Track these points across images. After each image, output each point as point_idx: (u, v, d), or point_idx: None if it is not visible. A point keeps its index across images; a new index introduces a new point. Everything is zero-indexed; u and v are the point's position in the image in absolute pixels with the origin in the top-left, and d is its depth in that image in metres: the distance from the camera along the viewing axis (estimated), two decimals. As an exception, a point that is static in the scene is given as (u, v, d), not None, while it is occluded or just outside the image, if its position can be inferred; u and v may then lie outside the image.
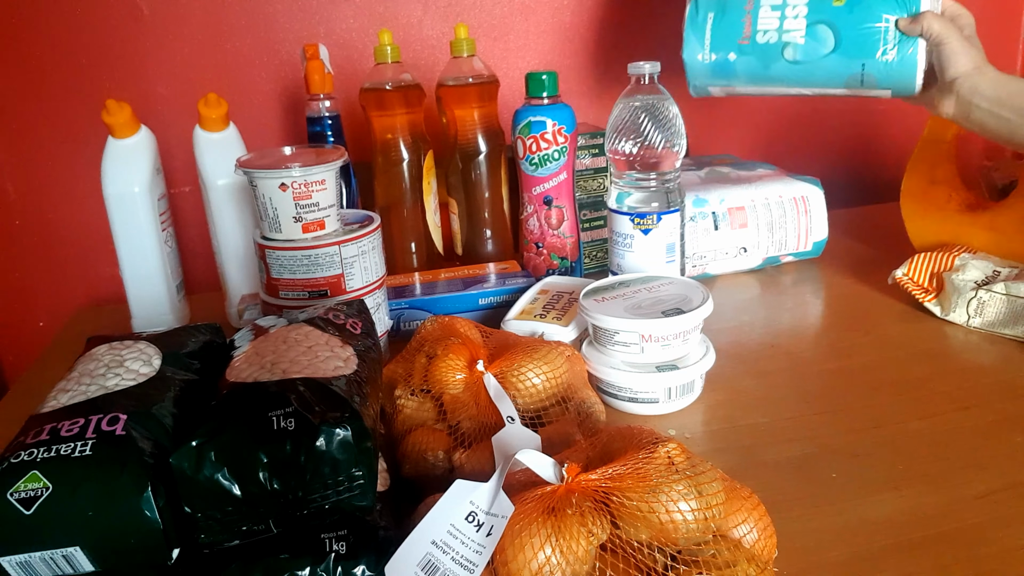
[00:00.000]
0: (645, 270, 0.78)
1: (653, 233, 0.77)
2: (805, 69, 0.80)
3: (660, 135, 0.76)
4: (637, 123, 0.76)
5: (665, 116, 0.76)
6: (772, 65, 0.81)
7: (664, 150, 0.76)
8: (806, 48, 0.79)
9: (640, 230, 0.77)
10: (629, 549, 0.39)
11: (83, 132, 0.99)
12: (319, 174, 0.68)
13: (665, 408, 0.65)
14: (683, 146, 0.78)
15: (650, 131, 0.76)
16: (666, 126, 0.76)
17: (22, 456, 0.39)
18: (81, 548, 0.39)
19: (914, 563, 0.47)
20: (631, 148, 0.76)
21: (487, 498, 0.42)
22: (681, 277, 0.72)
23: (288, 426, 0.40)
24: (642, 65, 0.77)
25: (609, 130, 0.79)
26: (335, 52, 1.02)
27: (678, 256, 0.81)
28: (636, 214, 0.78)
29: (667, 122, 0.76)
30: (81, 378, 0.47)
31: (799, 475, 0.57)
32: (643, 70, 0.77)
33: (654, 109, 0.76)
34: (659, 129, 0.76)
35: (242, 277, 0.87)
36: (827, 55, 0.78)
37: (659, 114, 0.76)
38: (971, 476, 0.55)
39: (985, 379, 0.68)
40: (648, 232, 0.77)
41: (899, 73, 0.76)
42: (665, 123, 0.76)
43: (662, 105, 0.77)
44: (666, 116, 0.77)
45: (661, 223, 0.78)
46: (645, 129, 0.76)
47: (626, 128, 0.77)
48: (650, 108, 0.76)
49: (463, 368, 0.58)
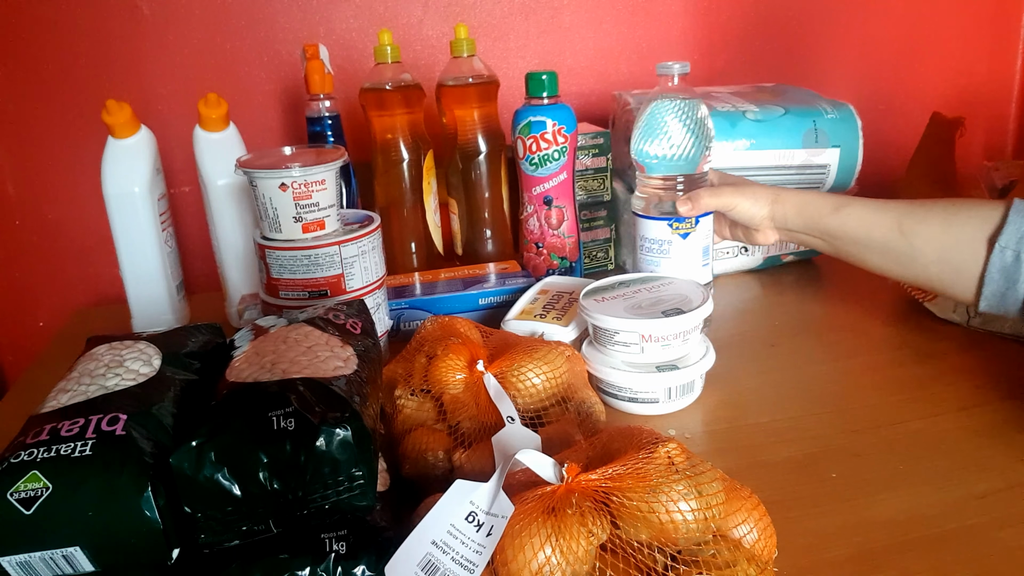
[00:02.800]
0: (681, 276, 0.75)
1: (692, 237, 0.75)
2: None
3: (690, 137, 0.74)
4: (666, 125, 0.74)
5: (694, 117, 0.74)
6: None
7: (694, 152, 0.74)
8: None
9: (679, 234, 0.75)
10: (629, 549, 0.39)
11: (83, 132, 0.99)
12: (319, 174, 0.68)
13: (665, 408, 0.65)
14: (709, 148, 0.76)
15: (679, 133, 0.74)
16: (696, 127, 0.74)
17: (22, 456, 0.39)
18: (81, 548, 0.39)
19: (914, 563, 0.47)
20: (660, 151, 0.74)
21: (487, 498, 0.42)
22: (681, 277, 0.72)
23: (288, 426, 0.40)
24: (671, 65, 0.74)
25: (636, 132, 0.76)
26: (335, 52, 1.02)
27: (711, 259, 0.79)
28: (674, 218, 0.75)
29: (697, 123, 0.74)
30: (81, 378, 0.47)
31: (799, 475, 0.57)
32: (672, 70, 0.75)
33: (683, 110, 0.74)
34: (689, 131, 0.74)
35: (242, 277, 0.87)
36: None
37: (689, 115, 0.74)
38: (971, 476, 0.55)
39: (985, 379, 0.68)
40: (687, 236, 0.75)
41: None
42: (695, 124, 0.74)
43: (691, 106, 0.74)
44: (696, 117, 0.74)
45: (699, 226, 0.76)
46: (674, 131, 0.74)
47: (654, 130, 0.75)
48: (679, 109, 0.74)
49: (463, 368, 0.58)
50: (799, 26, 1.20)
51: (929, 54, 1.27)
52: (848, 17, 1.21)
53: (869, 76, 1.25)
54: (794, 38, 1.20)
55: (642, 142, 0.76)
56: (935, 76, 1.29)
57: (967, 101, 1.30)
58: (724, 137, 0.89)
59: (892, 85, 1.26)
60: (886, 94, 1.26)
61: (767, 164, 0.91)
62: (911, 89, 1.28)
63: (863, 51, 1.24)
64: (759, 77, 1.18)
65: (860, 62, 1.24)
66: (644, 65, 1.16)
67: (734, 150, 0.90)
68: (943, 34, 1.27)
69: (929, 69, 1.28)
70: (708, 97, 0.95)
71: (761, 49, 1.20)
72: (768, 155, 0.90)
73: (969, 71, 1.31)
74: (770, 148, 0.90)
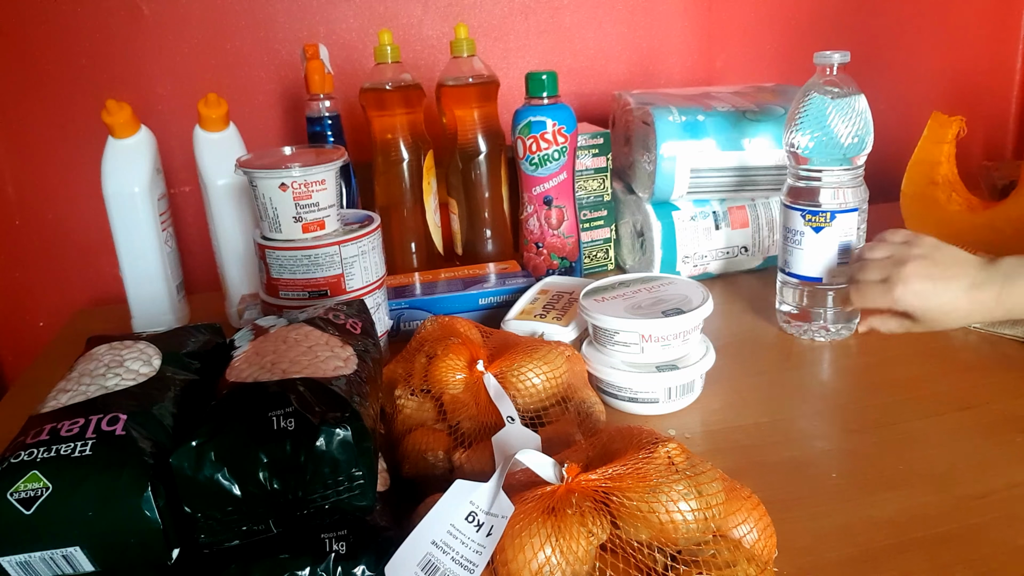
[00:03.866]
0: (812, 270, 0.75)
1: (825, 232, 0.73)
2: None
3: (842, 129, 0.71)
4: (818, 115, 0.72)
5: (848, 109, 0.71)
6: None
7: (846, 145, 0.71)
8: None
9: (811, 227, 0.73)
10: (629, 549, 0.39)
11: (83, 132, 0.99)
12: (319, 174, 0.68)
13: (665, 408, 0.65)
14: (868, 143, 0.73)
15: (832, 124, 0.71)
16: (848, 119, 0.71)
17: (22, 456, 0.39)
18: (81, 548, 0.39)
19: (914, 563, 0.47)
20: (808, 141, 0.72)
21: (487, 498, 0.42)
22: (681, 277, 0.72)
23: (288, 426, 0.40)
24: (830, 55, 0.72)
25: (788, 121, 0.74)
26: (335, 52, 1.02)
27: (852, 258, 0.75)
28: (809, 210, 0.74)
29: (850, 115, 0.71)
30: (81, 378, 0.47)
31: (799, 475, 0.57)
32: (831, 60, 0.72)
33: (837, 101, 0.72)
34: (842, 123, 0.71)
35: (242, 277, 0.87)
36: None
37: (842, 107, 0.71)
38: (971, 476, 0.55)
39: (985, 379, 0.68)
40: (820, 230, 0.73)
41: None
42: (847, 116, 0.71)
43: (847, 98, 0.72)
44: (850, 109, 0.71)
45: (835, 222, 0.73)
46: (826, 122, 0.71)
47: (806, 120, 0.72)
48: (834, 100, 0.72)
49: (463, 368, 0.58)
50: (798, 26, 1.20)
51: (929, 54, 1.27)
52: (848, 17, 1.21)
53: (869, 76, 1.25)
54: (793, 38, 1.20)
55: (793, 130, 0.73)
56: (935, 76, 1.29)
57: (967, 101, 1.30)
58: (724, 137, 0.89)
59: (892, 85, 1.26)
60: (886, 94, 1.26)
61: (767, 164, 0.91)
62: (911, 89, 1.28)
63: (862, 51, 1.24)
64: (759, 77, 1.18)
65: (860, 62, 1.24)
66: (644, 65, 1.16)
67: (734, 150, 0.90)
68: (943, 34, 1.27)
69: (929, 69, 1.28)
70: (708, 97, 0.95)
71: (761, 49, 1.20)
72: (768, 155, 0.90)
73: (969, 71, 1.31)
74: (770, 148, 0.90)
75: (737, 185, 0.91)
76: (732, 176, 0.91)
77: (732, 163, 0.90)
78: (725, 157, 0.90)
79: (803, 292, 0.77)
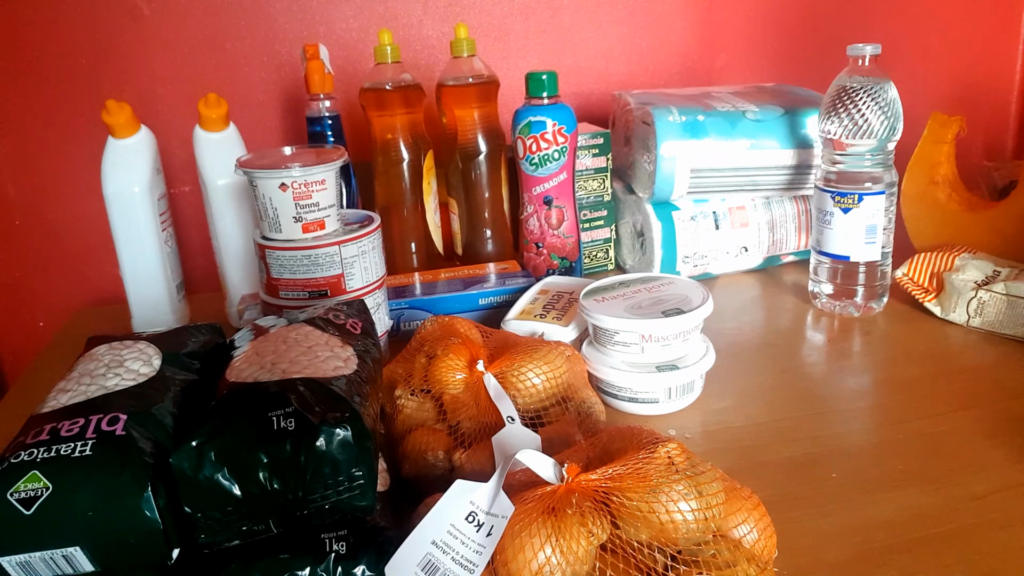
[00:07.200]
0: (842, 248, 0.80)
1: (853, 212, 0.78)
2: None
3: (871, 116, 0.76)
4: (849, 103, 0.76)
5: (878, 98, 0.76)
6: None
7: (874, 132, 0.76)
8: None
9: (840, 208, 0.78)
10: (629, 549, 0.39)
11: (83, 132, 0.99)
12: (319, 174, 0.68)
13: (665, 408, 0.65)
14: (898, 129, 0.78)
15: (861, 112, 0.76)
16: (878, 107, 0.76)
17: (22, 456, 0.39)
18: (81, 548, 0.39)
19: (914, 563, 0.47)
20: (838, 127, 0.77)
21: (487, 498, 0.42)
22: (681, 277, 0.72)
23: (288, 426, 0.40)
24: (863, 47, 0.77)
25: (822, 107, 0.79)
26: (335, 52, 1.02)
27: (878, 238, 0.80)
28: (838, 192, 0.79)
29: (880, 103, 0.76)
30: (81, 378, 0.47)
31: (799, 475, 0.57)
32: (864, 52, 0.77)
33: (868, 90, 0.76)
34: (870, 110, 0.76)
35: (242, 277, 0.87)
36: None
37: (873, 96, 0.76)
38: (971, 476, 0.55)
39: (985, 379, 0.68)
40: (848, 211, 0.78)
41: None
42: (876, 104, 0.76)
43: (877, 87, 0.76)
44: (880, 98, 0.76)
45: (863, 203, 0.78)
46: (856, 109, 0.76)
47: (838, 107, 0.77)
48: (864, 89, 0.76)
49: (463, 368, 0.58)
50: (799, 26, 1.20)
51: (929, 54, 1.27)
52: (847, 17, 1.21)
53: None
54: (794, 38, 1.20)
55: (826, 117, 0.79)
56: (935, 76, 1.29)
57: (967, 101, 1.30)
58: (724, 137, 0.89)
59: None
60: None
61: (767, 164, 0.91)
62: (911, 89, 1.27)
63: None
64: (759, 77, 1.18)
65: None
66: (644, 65, 1.16)
67: (734, 150, 0.90)
68: (943, 34, 1.27)
69: (929, 69, 1.28)
70: (708, 97, 0.95)
71: (761, 49, 1.20)
72: (768, 155, 0.90)
73: (969, 71, 1.31)
74: (770, 148, 0.90)
75: (737, 185, 0.92)
76: (732, 176, 0.91)
77: (732, 163, 0.90)
78: (725, 157, 0.90)
79: (837, 271, 0.83)
